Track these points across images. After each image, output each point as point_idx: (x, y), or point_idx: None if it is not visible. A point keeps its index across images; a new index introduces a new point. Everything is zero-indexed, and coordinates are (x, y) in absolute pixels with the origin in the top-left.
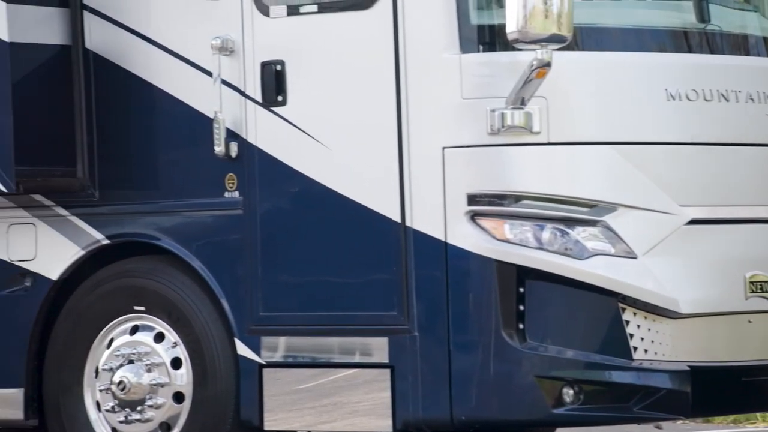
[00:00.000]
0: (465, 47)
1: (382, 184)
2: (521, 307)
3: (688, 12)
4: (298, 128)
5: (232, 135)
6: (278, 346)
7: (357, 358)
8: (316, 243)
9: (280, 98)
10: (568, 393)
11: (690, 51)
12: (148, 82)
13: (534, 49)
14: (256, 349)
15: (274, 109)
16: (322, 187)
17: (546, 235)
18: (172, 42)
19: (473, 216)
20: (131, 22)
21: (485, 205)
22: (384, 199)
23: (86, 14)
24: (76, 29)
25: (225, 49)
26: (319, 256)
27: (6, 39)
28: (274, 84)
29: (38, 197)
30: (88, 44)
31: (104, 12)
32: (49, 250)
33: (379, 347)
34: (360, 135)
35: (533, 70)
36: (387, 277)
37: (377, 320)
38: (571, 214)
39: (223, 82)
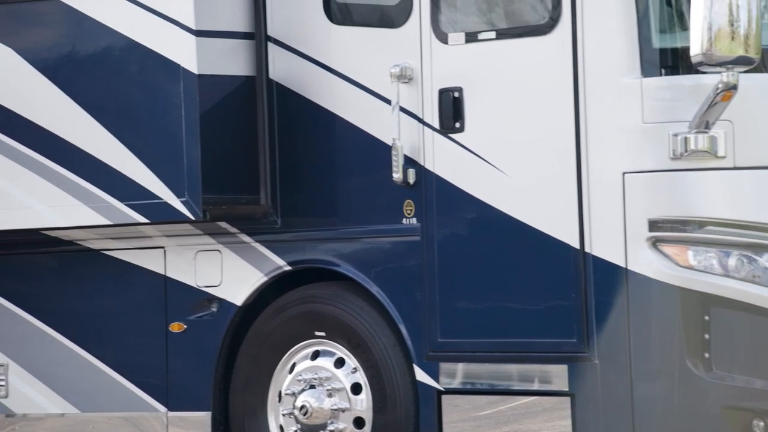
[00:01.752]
0: (646, 71)
1: (561, 210)
2: (706, 336)
3: None
4: (476, 154)
5: (409, 162)
6: (456, 372)
7: (536, 386)
8: (493, 269)
9: (457, 125)
10: (759, 425)
11: None
12: (328, 110)
13: (719, 72)
14: (435, 376)
15: (452, 135)
16: (499, 213)
17: (732, 262)
18: (352, 71)
19: (655, 242)
20: (313, 52)
21: (668, 231)
22: (562, 225)
23: (270, 45)
24: (261, 60)
25: (404, 77)
26: (496, 282)
27: (195, 71)
28: (451, 110)
29: (224, 224)
30: (271, 74)
31: (288, 43)
32: (233, 275)
33: (558, 375)
34: (538, 161)
35: (718, 94)
36: (566, 303)
37: (556, 347)
38: (759, 240)
39: (402, 109)
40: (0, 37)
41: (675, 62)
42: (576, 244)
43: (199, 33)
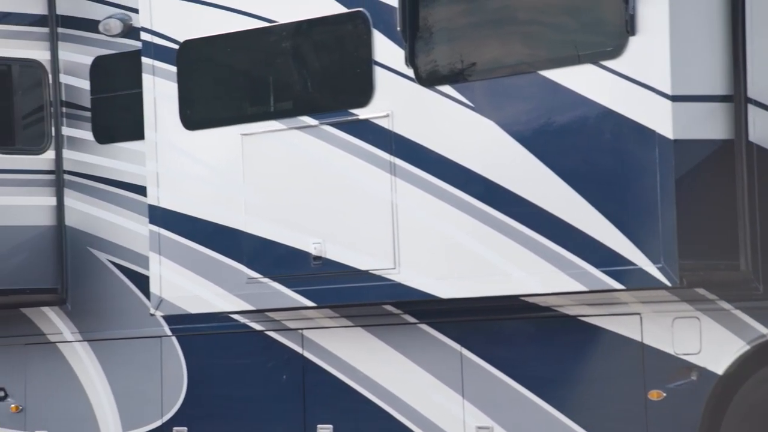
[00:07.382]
0: None
1: None
2: None
3: None
4: None
5: None
6: None
7: None
8: None
9: None
10: None
11: None
12: None
13: None
14: None
15: None
16: None
17: None
18: None
19: None
20: None
21: None
22: None
23: (750, 107)
24: (741, 123)
25: None
26: None
27: (670, 137)
28: None
29: (701, 291)
30: (751, 137)
31: None
32: (713, 343)
33: None
34: None
35: None
36: None
37: None
38: None
39: None
40: (482, 110)
41: None
42: None
43: (675, 98)
